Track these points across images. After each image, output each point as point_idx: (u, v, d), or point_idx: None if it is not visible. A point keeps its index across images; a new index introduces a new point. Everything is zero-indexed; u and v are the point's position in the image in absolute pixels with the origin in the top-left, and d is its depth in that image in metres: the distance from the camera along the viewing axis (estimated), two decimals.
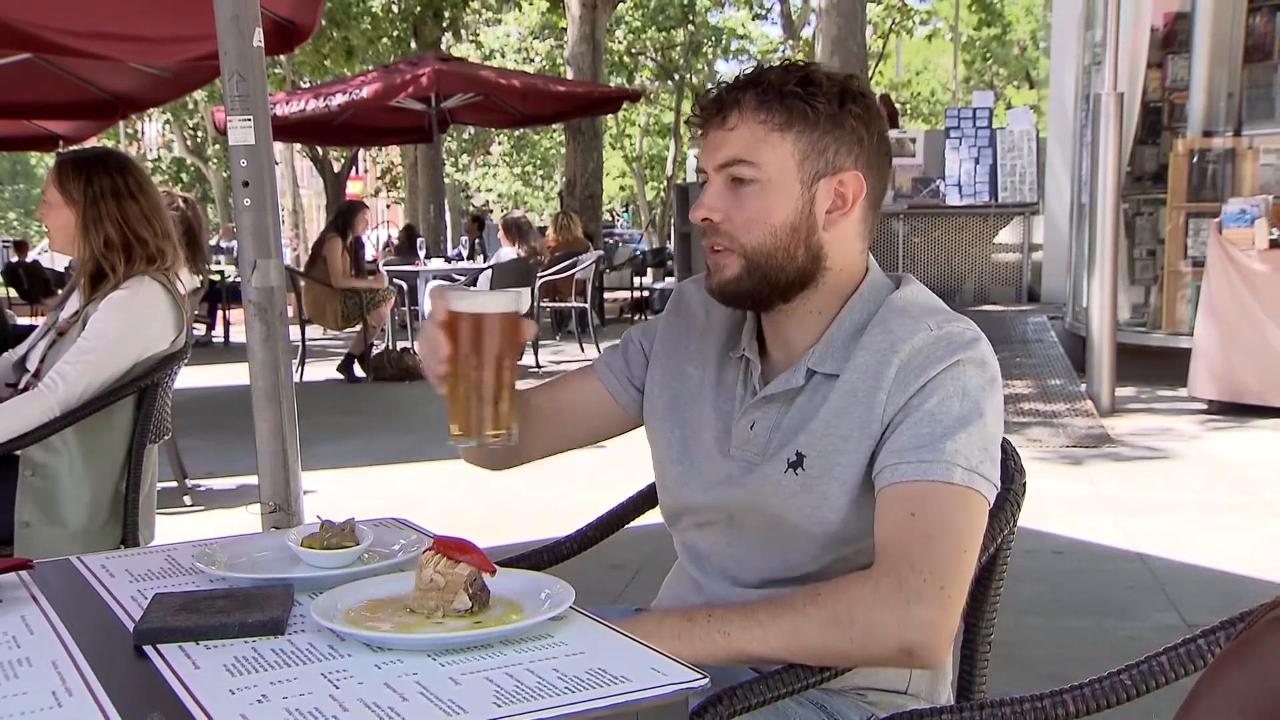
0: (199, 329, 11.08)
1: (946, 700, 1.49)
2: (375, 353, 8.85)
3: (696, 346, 1.53)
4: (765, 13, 29.34)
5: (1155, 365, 7.39)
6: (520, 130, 26.71)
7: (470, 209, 30.07)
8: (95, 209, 2.69)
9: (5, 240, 24.30)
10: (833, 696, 1.41)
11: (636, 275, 15.58)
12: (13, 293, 13.90)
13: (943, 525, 1.27)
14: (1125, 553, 4.09)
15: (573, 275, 10.08)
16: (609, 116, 21.79)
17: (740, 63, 29.42)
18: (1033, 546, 4.01)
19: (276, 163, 3.06)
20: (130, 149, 27.23)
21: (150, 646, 1.09)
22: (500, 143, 31.50)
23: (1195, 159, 7.57)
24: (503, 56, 25.47)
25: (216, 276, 11.24)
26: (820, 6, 12.56)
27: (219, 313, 11.76)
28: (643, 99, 24.24)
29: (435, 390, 1.36)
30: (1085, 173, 7.86)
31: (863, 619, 1.23)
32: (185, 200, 5.58)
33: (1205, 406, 6.67)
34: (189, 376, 3.42)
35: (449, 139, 23.53)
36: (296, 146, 23.85)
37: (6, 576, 1.33)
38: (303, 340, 8.88)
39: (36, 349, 2.77)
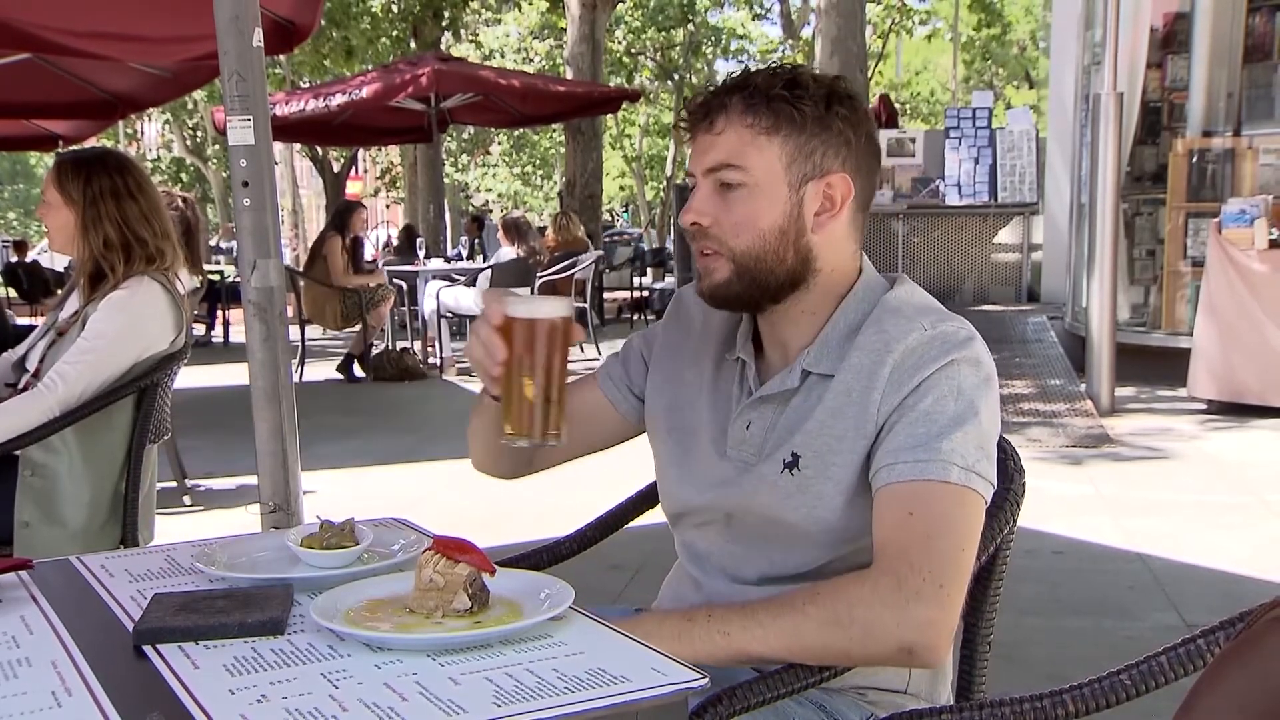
0: (198, 329, 11.08)
1: (946, 700, 1.49)
2: (375, 353, 8.85)
3: (694, 350, 1.53)
4: (765, 13, 29.39)
5: (1155, 365, 7.38)
6: (520, 130, 26.71)
7: (470, 209, 30.06)
8: (94, 209, 2.69)
9: (5, 240, 24.28)
10: (832, 696, 1.42)
11: (636, 275, 15.57)
12: (12, 293, 13.89)
13: (940, 524, 1.27)
14: (1125, 553, 4.09)
15: (572, 275, 10.07)
16: (609, 116, 21.79)
17: (740, 63, 29.40)
18: (1032, 546, 4.01)
19: (276, 163, 3.06)
20: (130, 149, 27.22)
21: (150, 646, 1.09)
22: (500, 143, 31.50)
23: (1195, 159, 7.57)
24: (502, 56, 25.48)
25: (216, 276, 11.24)
26: (820, 6, 12.57)
27: (218, 313, 11.76)
28: (642, 99, 24.25)
29: (489, 390, 1.41)
30: (1085, 173, 7.86)
31: (862, 618, 1.23)
32: (184, 200, 5.58)
33: (1205, 406, 6.67)
34: (189, 376, 3.42)
35: (448, 139, 23.51)
36: (296, 146, 23.86)
37: (6, 576, 1.32)
38: (302, 340, 8.88)
39: (36, 349, 2.77)
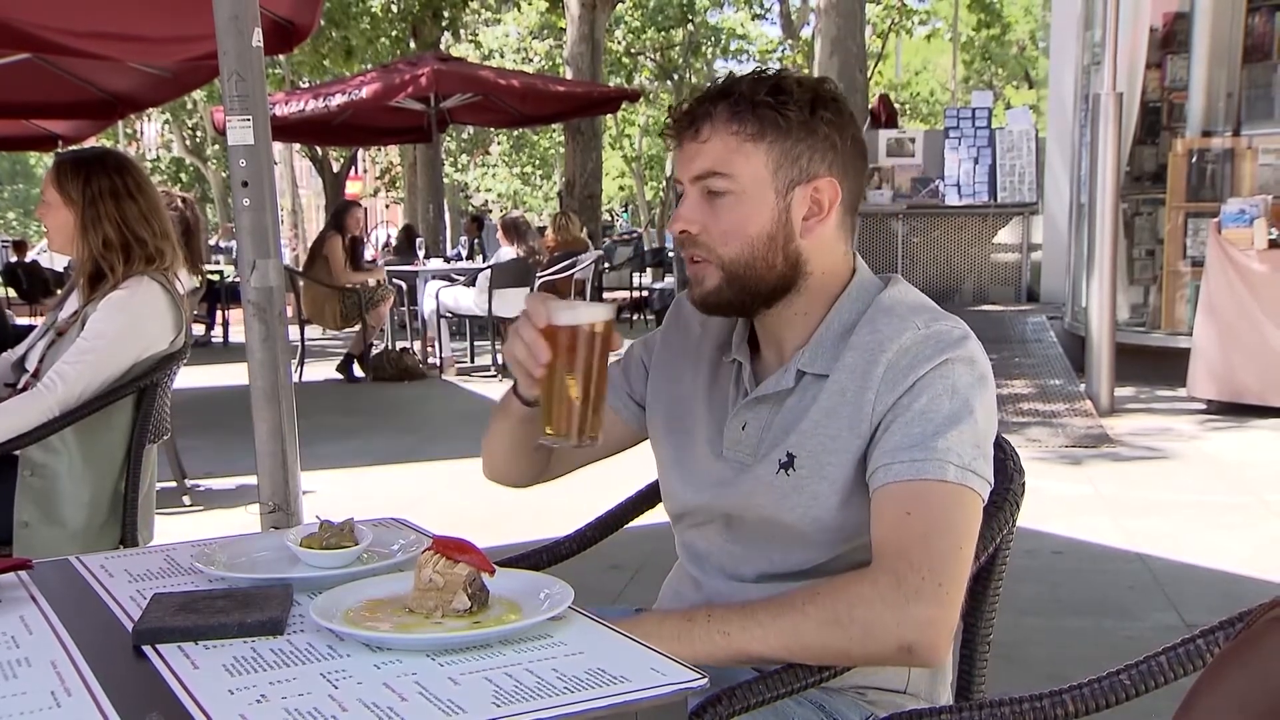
0: (198, 329, 11.07)
1: (946, 700, 1.49)
2: (374, 353, 8.84)
3: (693, 353, 1.54)
4: (764, 13, 29.37)
5: (1154, 365, 7.38)
6: (519, 130, 26.71)
7: (469, 209, 30.05)
8: (94, 209, 2.69)
9: (4, 240, 24.25)
10: (832, 696, 1.42)
11: (635, 273, 15.57)
12: (12, 293, 13.88)
13: (939, 523, 1.27)
14: (1125, 553, 4.09)
15: (572, 275, 10.06)
16: (608, 116, 21.80)
17: (740, 63, 29.43)
18: (1032, 546, 4.01)
19: (275, 163, 3.06)
20: (129, 149, 27.22)
21: (149, 646, 1.09)
22: (499, 143, 31.48)
23: (1194, 159, 7.57)
24: (502, 56, 25.47)
25: (215, 276, 11.23)
26: (820, 6, 12.58)
27: (218, 313, 11.75)
28: (642, 99, 24.22)
29: (528, 390, 1.41)
30: (1084, 173, 7.85)
31: (862, 617, 1.23)
32: (184, 200, 5.58)
33: (1204, 406, 6.67)
34: (188, 376, 3.41)
35: (448, 139, 23.52)
36: (296, 146, 23.86)
37: (6, 576, 1.32)
38: (302, 340, 8.88)
39: (35, 349, 2.77)
